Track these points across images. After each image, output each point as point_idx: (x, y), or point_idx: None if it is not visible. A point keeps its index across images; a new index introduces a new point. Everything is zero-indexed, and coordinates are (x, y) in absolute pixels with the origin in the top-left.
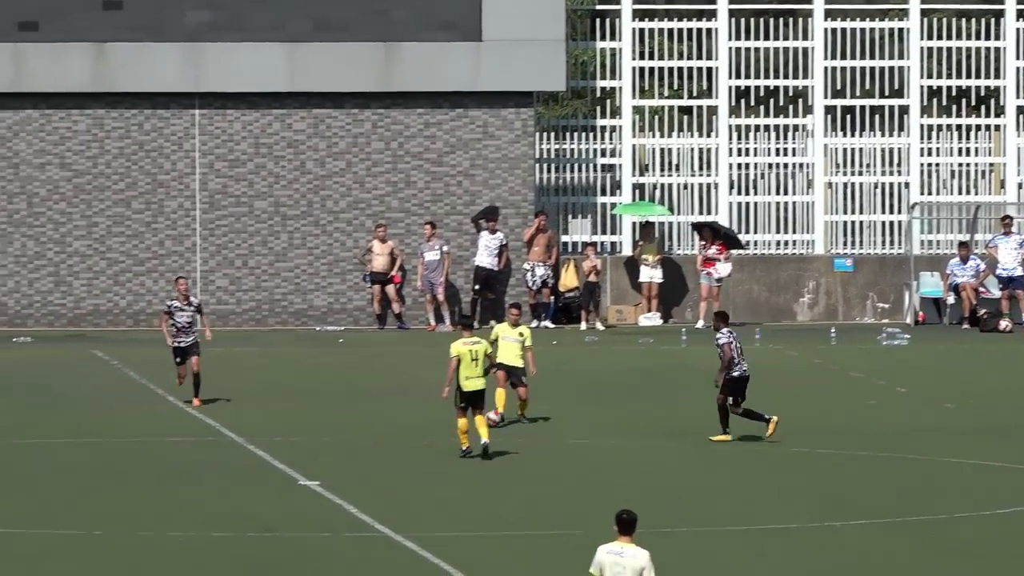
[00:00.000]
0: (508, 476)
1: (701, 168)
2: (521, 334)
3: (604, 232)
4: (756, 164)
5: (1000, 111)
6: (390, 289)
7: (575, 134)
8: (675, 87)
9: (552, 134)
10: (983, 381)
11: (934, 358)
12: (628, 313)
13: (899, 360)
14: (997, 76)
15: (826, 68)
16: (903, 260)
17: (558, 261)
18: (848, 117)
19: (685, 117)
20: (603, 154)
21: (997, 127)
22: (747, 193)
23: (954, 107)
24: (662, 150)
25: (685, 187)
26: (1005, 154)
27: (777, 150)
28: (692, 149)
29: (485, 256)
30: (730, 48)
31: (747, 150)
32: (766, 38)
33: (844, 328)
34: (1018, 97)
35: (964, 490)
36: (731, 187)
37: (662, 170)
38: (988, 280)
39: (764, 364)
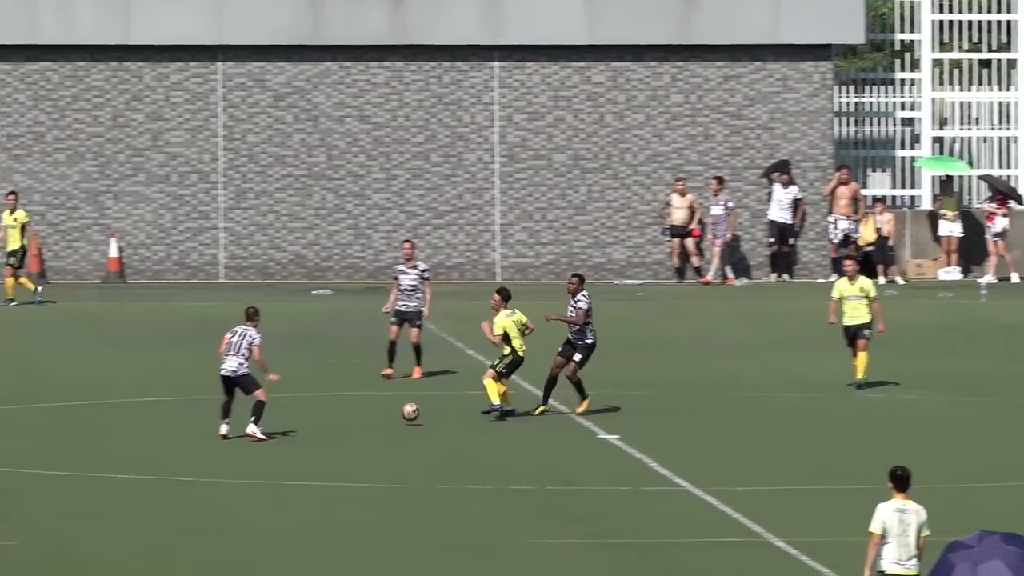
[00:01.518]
0: (802, 431)
1: (1000, 122)
2: (862, 289)
3: (903, 186)
4: None
5: None
6: (689, 242)
7: (874, 87)
8: (975, 40)
9: (851, 87)
10: None
11: None
12: (927, 267)
13: None
14: None
15: None
16: None
17: (862, 215)
18: None
19: (984, 70)
20: (902, 107)
21: None
22: None
23: None
24: (961, 104)
25: (984, 141)
26: None
27: None
28: (991, 103)
29: (777, 209)
30: None
31: None
32: None
33: None
34: None
35: None
36: None
37: (961, 124)
38: None
39: None
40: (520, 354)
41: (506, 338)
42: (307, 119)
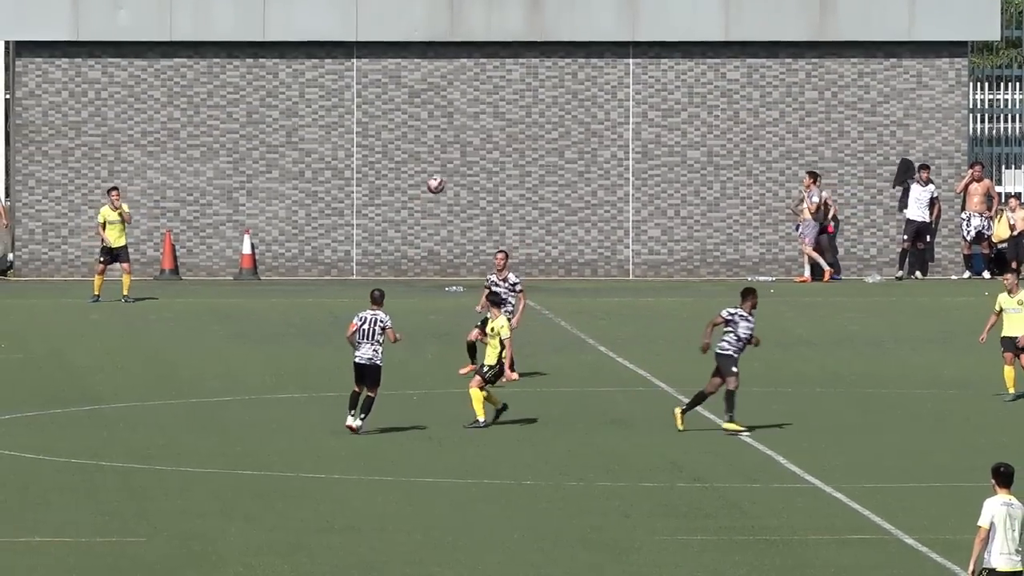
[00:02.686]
0: (935, 428)
1: None
2: (1021, 302)
3: None
4: None
5: None
6: (823, 238)
7: (1009, 84)
8: None
9: (986, 84)
10: None
11: None
12: None
13: None
14: None
15: None
16: None
17: (996, 212)
18: None
19: None
20: None
21: None
22: None
23: None
24: None
25: None
26: None
27: None
28: None
29: (915, 208)
30: None
31: None
32: None
33: None
34: None
35: None
36: None
37: None
38: None
39: None
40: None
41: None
42: (441, 115)
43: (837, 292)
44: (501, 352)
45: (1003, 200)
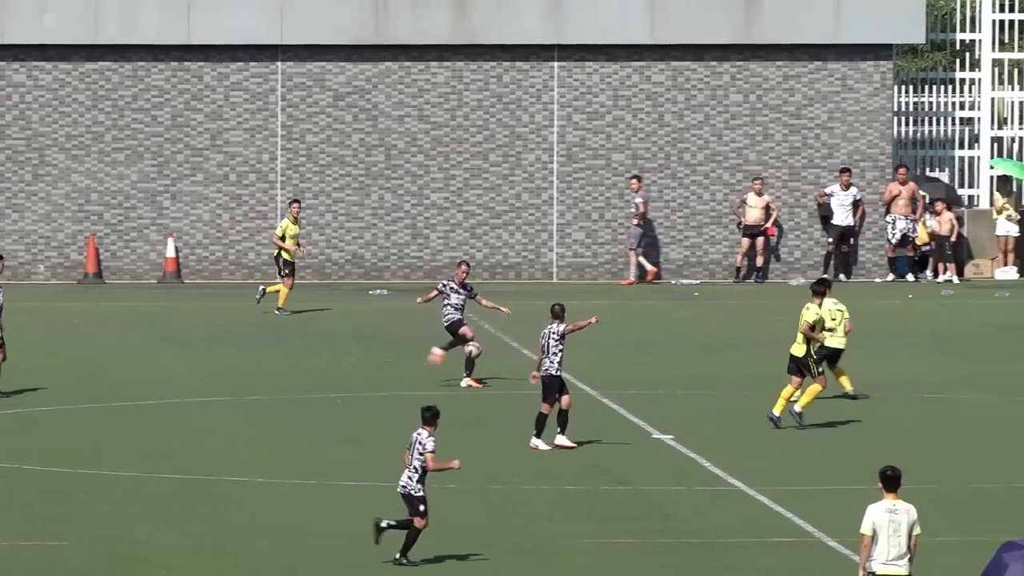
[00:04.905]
0: (859, 431)
1: None
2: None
3: (962, 186)
4: None
5: None
6: (760, 241)
7: (934, 87)
8: None
9: (911, 87)
10: None
11: None
12: (984, 267)
13: None
14: None
15: None
16: None
17: (920, 215)
18: None
19: None
20: (961, 107)
21: None
22: None
23: None
24: (1021, 103)
25: None
26: None
27: None
28: None
29: (840, 212)
30: None
31: None
32: None
33: None
34: None
35: None
36: None
37: (1021, 123)
38: None
39: None
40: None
41: None
42: (366, 119)
43: (762, 295)
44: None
45: (929, 203)
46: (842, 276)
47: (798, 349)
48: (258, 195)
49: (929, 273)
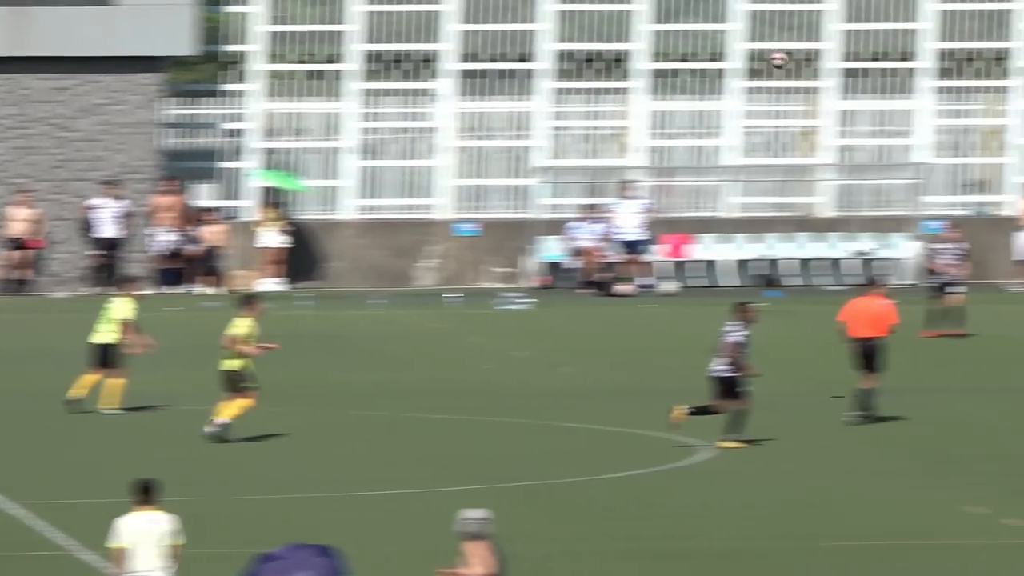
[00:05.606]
0: (119, 442)
1: (330, 133)
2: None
3: (230, 197)
4: (385, 128)
5: (629, 75)
6: (30, 254)
7: (205, 99)
8: (309, 51)
9: (182, 99)
10: (600, 345)
11: (554, 321)
12: (249, 278)
13: (519, 324)
14: (628, 40)
15: (461, 32)
16: (528, 224)
17: (193, 227)
18: (479, 81)
19: (315, 82)
20: (232, 119)
21: (625, 90)
22: (375, 157)
23: (583, 71)
24: (291, 115)
25: (316, 152)
26: (633, 118)
27: (407, 115)
28: (321, 114)
29: (108, 224)
30: (364, 12)
31: (375, 115)
32: (399, 1)
33: (468, 293)
34: (652, 61)
35: (582, 454)
36: (361, 152)
37: (293, 134)
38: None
39: (384, 331)
40: None
41: None
42: None
43: (29, 308)
44: None
45: (199, 214)
46: (112, 288)
47: (231, 364)
48: None
49: (194, 286)
